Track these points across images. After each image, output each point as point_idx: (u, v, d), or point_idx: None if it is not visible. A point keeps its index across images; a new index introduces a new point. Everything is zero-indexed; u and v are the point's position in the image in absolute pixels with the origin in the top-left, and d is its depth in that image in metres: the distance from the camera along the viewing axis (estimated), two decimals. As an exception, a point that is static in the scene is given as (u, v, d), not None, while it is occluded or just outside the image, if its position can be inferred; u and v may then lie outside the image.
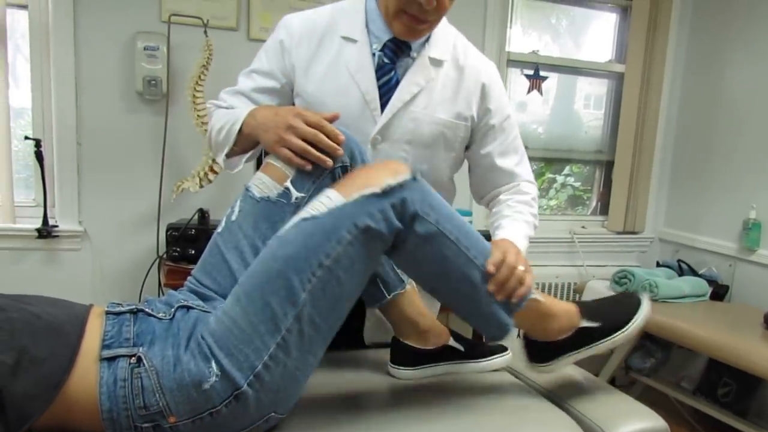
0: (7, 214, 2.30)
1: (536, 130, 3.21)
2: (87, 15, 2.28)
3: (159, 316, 1.03)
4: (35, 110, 2.34)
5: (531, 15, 3.08)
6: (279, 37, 1.34)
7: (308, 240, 0.99)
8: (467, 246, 1.09)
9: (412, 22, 1.24)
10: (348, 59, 1.31)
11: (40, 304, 0.98)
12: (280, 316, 0.96)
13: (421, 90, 1.33)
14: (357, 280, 1.05)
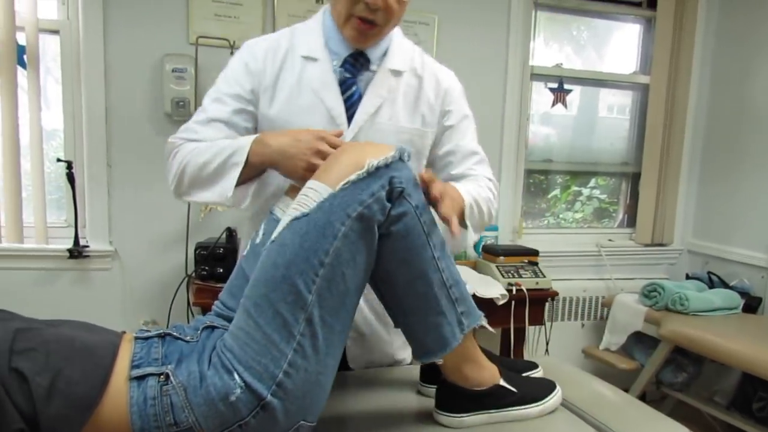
0: (40, 234, 2.37)
1: (560, 143, 3.23)
2: (116, 39, 2.36)
3: (186, 339, 1.05)
4: (66, 132, 2.42)
5: (553, 28, 3.11)
6: (243, 60, 1.33)
7: (304, 240, 0.98)
8: (434, 244, 1.07)
9: (361, 26, 1.26)
10: (311, 78, 1.32)
11: (74, 329, 1.01)
12: (291, 322, 0.96)
13: (384, 101, 1.35)
14: (361, 271, 1.04)
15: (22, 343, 0.91)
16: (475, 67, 2.82)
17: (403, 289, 1.09)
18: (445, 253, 1.09)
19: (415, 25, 2.67)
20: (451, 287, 1.09)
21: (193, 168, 1.24)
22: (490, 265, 2.59)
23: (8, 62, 2.23)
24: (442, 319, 1.08)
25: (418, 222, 1.05)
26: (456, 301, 1.10)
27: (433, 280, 1.07)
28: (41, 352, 0.92)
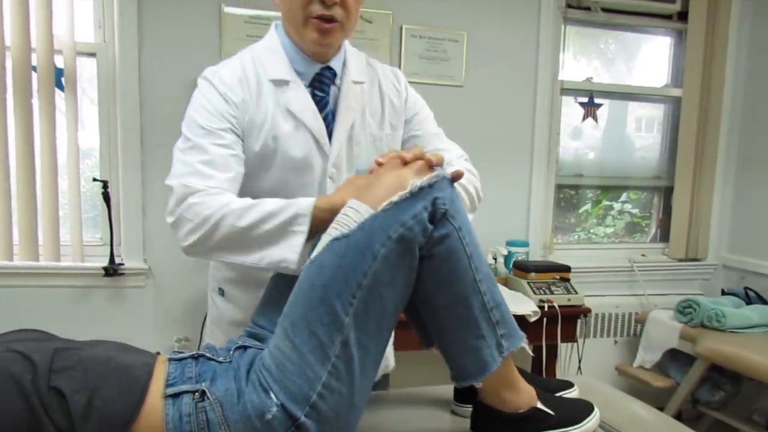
0: (76, 253, 2.43)
1: (590, 157, 3.23)
2: (151, 60, 2.42)
3: (219, 360, 1.07)
4: (102, 152, 2.48)
5: (581, 41, 3.12)
6: (220, 91, 1.27)
7: (342, 261, 0.98)
8: (477, 266, 1.05)
9: (321, 25, 1.24)
10: (288, 101, 1.30)
11: (110, 349, 1.04)
12: (327, 343, 0.96)
13: (356, 115, 1.37)
14: (400, 293, 1.03)
15: (61, 363, 0.94)
16: (504, 83, 2.84)
17: (443, 311, 1.08)
18: (488, 273, 1.08)
19: (444, 42, 2.70)
20: (492, 309, 1.07)
21: (232, 229, 1.16)
22: (521, 281, 2.59)
23: (47, 85, 2.31)
24: (481, 342, 1.07)
25: (461, 244, 1.04)
26: (497, 323, 1.08)
27: (474, 303, 1.05)
28: (79, 370, 0.94)
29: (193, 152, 1.23)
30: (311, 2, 1.23)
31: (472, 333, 1.07)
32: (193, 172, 1.21)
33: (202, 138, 1.23)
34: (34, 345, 0.97)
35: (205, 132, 1.24)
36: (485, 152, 2.59)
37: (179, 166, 1.24)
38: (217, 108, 1.26)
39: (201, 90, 1.31)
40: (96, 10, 2.41)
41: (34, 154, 2.33)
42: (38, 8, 2.26)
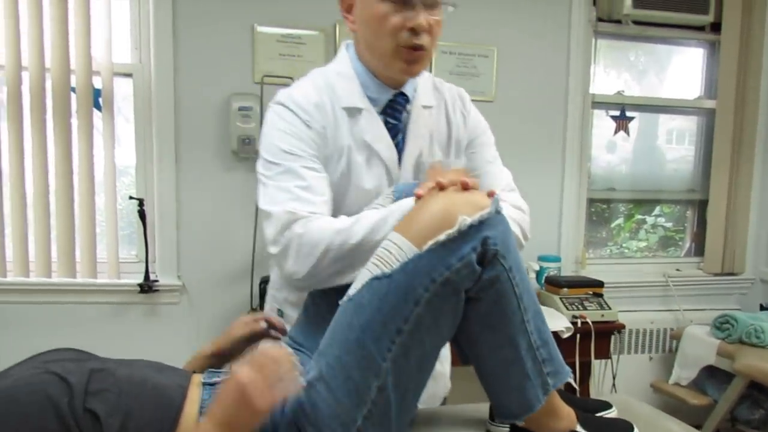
0: (112, 269, 2.49)
1: (622, 171, 3.22)
2: (186, 80, 2.48)
3: None
4: (138, 170, 2.54)
5: (611, 54, 3.12)
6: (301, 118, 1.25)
7: (382, 304, 0.94)
8: (526, 306, 1.02)
9: (411, 54, 1.22)
10: (362, 131, 1.28)
11: (145, 369, 1.04)
12: (363, 388, 0.94)
13: (426, 141, 1.34)
14: (443, 335, 1.01)
15: (96, 384, 0.95)
16: (535, 97, 2.85)
17: (488, 352, 1.05)
18: (536, 310, 1.05)
19: (474, 58, 2.73)
20: (539, 348, 1.05)
21: (343, 249, 1.12)
22: (554, 297, 2.58)
23: (85, 105, 2.37)
24: (526, 381, 1.04)
25: (511, 285, 0.99)
26: (543, 362, 1.05)
27: (521, 344, 1.02)
28: (114, 392, 0.95)
29: (287, 177, 1.19)
30: (401, 30, 1.19)
31: (517, 374, 1.03)
32: (294, 198, 1.17)
33: (292, 162, 1.20)
34: (71, 365, 0.98)
35: (293, 156, 1.21)
36: (516, 167, 2.57)
37: (275, 192, 1.19)
38: (300, 133, 1.24)
39: (280, 115, 1.26)
40: (133, 31, 2.48)
41: (72, 173, 2.40)
42: (77, 31, 2.33)
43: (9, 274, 2.39)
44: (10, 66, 2.29)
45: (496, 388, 1.08)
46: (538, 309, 1.06)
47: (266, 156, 1.23)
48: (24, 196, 2.37)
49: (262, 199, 1.21)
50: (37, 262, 2.39)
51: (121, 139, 2.55)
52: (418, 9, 1.18)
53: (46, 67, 2.33)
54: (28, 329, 2.40)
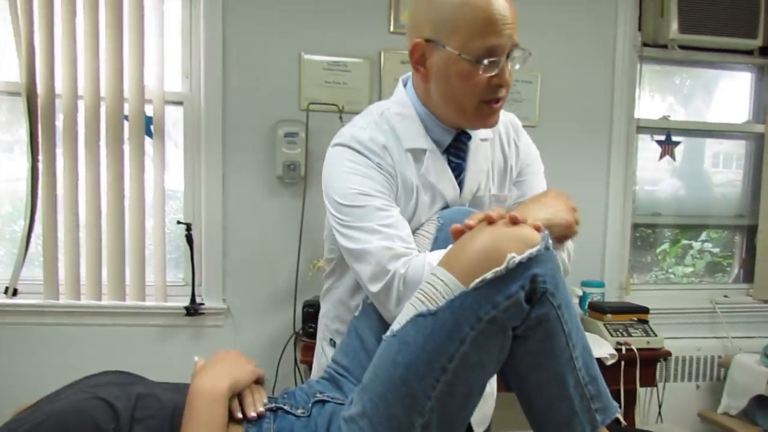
0: (160, 293, 2.56)
1: (667, 195, 3.21)
2: (235, 107, 2.56)
3: (297, 414, 1.08)
4: (186, 196, 2.62)
5: (657, 78, 3.12)
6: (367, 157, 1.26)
7: (427, 342, 0.93)
8: (574, 343, 1.00)
9: (492, 108, 1.23)
10: (426, 172, 1.29)
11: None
12: (406, 425, 0.94)
13: (484, 175, 1.36)
14: (489, 372, 1.00)
15: (142, 411, 0.98)
16: (579, 122, 2.87)
17: (536, 389, 1.03)
18: (584, 346, 1.04)
19: (518, 84, 2.75)
20: (587, 385, 1.03)
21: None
22: (597, 323, 2.57)
23: (137, 132, 2.47)
24: (574, 418, 1.02)
25: (560, 323, 0.98)
26: (591, 398, 1.03)
27: (569, 382, 1.00)
28: (158, 419, 0.99)
29: (370, 217, 1.20)
30: (486, 87, 1.20)
31: (564, 410, 1.02)
32: (384, 237, 1.17)
33: (371, 202, 1.21)
34: (117, 390, 1.02)
35: (370, 197, 1.21)
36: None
37: (361, 233, 1.19)
38: (371, 174, 1.24)
39: (347, 157, 1.26)
40: (184, 60, 2.57)
41: (123, 197, 2.48)
42: (131, 61, 2.43)
43: (62, 297, 2.48)
44: (66, 95, 2.39)
45: (543, 424, 1.07)
46: (586, 345, 1.05)
47: (340, 200, 1.23)
48: (77, 220, 2.46)
49: (350, 242, 1.21)
50: (87, 285, 2.48)
51: (170, 165, 2.63)
52: (504, 65, 1.18)
53: (101, 96, 2.42)
54: (78, 351, 2.48)
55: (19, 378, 2.43)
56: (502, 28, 1.16)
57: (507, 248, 0.92)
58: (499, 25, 1.15)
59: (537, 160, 1.46)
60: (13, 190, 2.54)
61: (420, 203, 1.29)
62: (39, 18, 2.35)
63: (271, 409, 1.08)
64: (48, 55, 2.37)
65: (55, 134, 2.43)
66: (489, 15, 1.15)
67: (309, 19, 2.59)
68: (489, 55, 1.16)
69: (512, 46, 1.18)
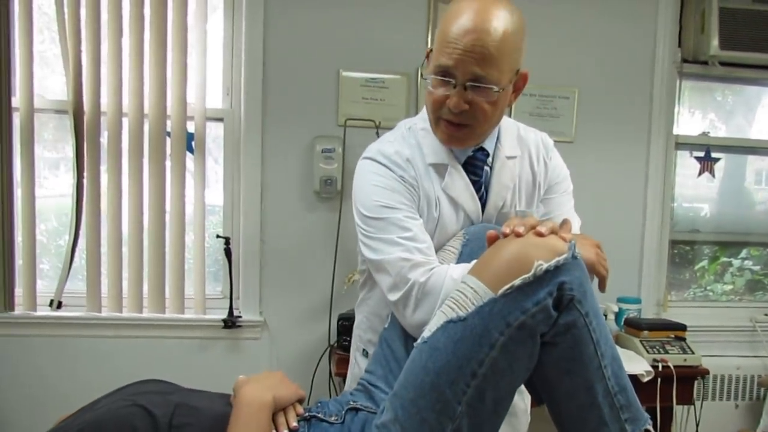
0: (199, 305, 2.66)
1: (706, 212, 3.23)
2: (274, 124, 2.65)
3: (331, 421, 1.14)
4: (225, 210, 2.72)
5: (696, 95, 3.15)
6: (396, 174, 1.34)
7: (458, 347, 0.96)
8: (603, 352, 1.02)
9: (448, 129, 1.29)
10: (447, 186, 1.36)
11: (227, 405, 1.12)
12: (437, 431, 0.97)
13: (508, 191, 1.40)
14: (518, 378, 1.03)
15: (180, 419, 1.03)
16: (616, 138, 2.91)
17: (564, 397, 1.06)
18: (614, 355, 1.06)
19: (555, 99, 2.81)
20: (617, 394, 1.05)
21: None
22: (633, 339, 2.59)
23: (179, 148, 2.57)
24: (603, 428, 1.05)
25: (587, 331, 1.01)
26: (621, 408, 1.06)
27: (598, 390, 1.03)
28: (196, 427, 1.04)
29: (391, 228, 1.28)
30: (441, 106, 1.27)
31: (593, 419, 1.05)
32: (404, 249, 1.25)
33: (393, 214, 1.29)
34: (156, 398, 1.08)
35: (392, 209, 1.30)
36: (596, 208, 2.66)
37: (382, 244, 1.28)
38: (395, 186, 1.32)
39: (373, 171, 1.35)
40: (225, 77, 2.67)
41: (165, 212, 2.59)
42: (174, 79, 2.54)
43: (104, 309, 2.59)
44: (111, 112, 2.51)
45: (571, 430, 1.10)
46: (615, 354, 1.07)
47: (365, 212, 1.32)
48: (120, 234, 2.57)
49: (372, 252, 1.30)
50: (129, 297, 2.59)
51: (210, 180, 2.74)
52: (458, 89, 1.23)
53: (144, 113, 2.53)
54: (119, 362, 2.58)
55: (62, 389, 2.55)
56: (452, 51, 1.21)
57: (535, 256, 0.96)
58: (450, 47, 1.21)
59: (566, 180, 1.50)
60: (59, 205, 2.67)
61: (442, 215, 1.36)
62: (86, 37, 2.47)
63: (305, 418, 1.14)
64: (94, 73, 2.49)
65: (100, 151, 2.54)
66: (445, 36, 1.22)
67: (347, 36, 2.67)
68: (438, 73, 1.24)
69: (467, 74, 1.22)
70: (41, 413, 2.43)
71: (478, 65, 1.20)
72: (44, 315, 2.56)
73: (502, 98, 1.27)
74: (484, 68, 1.21)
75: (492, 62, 1.21)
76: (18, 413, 2.53)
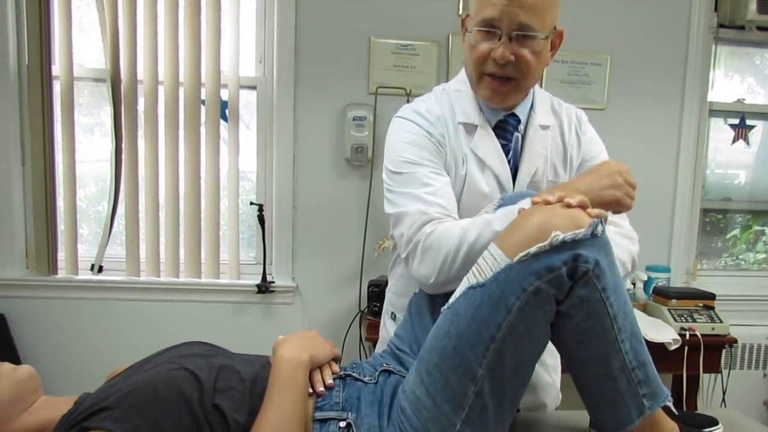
0: (233, 271, 2.84)
1: (739, 180, 3.30)
2: (305, 92, 2.78)
3: (365, 380, 1.21)
4: (259, 177, 2.87)
5: (733, 60, 3.19)
6: (425, 128, 1.40)
7: (477, 312, 1.03)
8: (620, 327, 1.07)
9: (492, 83, 1.33)
10: (476, 146, 1.41)
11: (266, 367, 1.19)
12: (460, 393, 1.03)
13: (541, 159, 1.44)
14: (537, 342, 1.09)
15: (223, 382, 1.11)
16: (648, 105, 2.99)
17: (581, 366, 1.13)
18: (633, 332, 1.11)
19: (587, 66, 2.90)
20: (634, 369, 1.10)
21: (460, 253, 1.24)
22: (661, 308, 2.68)
23: (213, 116, 2.71)
24: (619, 400, 1.10)
25: (603, 306, 1.05)
26: (639, 383, 1.11)
27: (614, 364, 1.08)
28: (239, 390, 1.11)
29: (414, 184, 1.35)
30: (486, 60, 1.32)
31: (609, 391, 1.10)
32: (423, 202, 1.32)
33: (417, 169, 1.36)
34: (201, 362, 1.15)
35: (417, 165, 1.36)
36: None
37: (403, 198, 1.35)
38: (422, 143, 1.39)
39: (403, 127, 1.43)
40: (258, 46, 2.80)
41: (200, 179, 2.75)
42: (208, 48, 2.67)
43: (142, 273, 2.78)
44: (148, 81, 2.65)
45: (590, 401, 1.17)
46: (636, 331, 1.11)
47: (391, 167, 1.40)
48: (157, 201, 2.73)
49: (392, 206, 1.38)
50: (167, 263, 2.77)
51: (242, 147, 2.88)
52: (503, 40, 1.28)
53: (179, 81, 2.68)
54: (157, 325, 2.79)
55: (104, 349, 2.77)
56: (497, 2, 1.26)
57: (555, 227, 1.02)
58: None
59: (601, 154, 1.53)
60: (96, 171, 2.84)
61: (470, 173, 1.41)
62: (123, 7, 2.60)
63: (340, 376, 1.22)
64: (131, 43, 2.63)
65: (137, 118, 2.70)
66: None
67: (378, 3, 2.77)
68: (482, 26, 1.29)
69: (513, 24, 1.27)
70: (85, 371, 2.67)
71: (523, 14, 1.26)
72: (86, 279, 2.76)
73: (545, 50, 1.33)
74: (529, 17, 1.26)
75: (536, 11, 1.27)
76: (64, 372, 2.73)
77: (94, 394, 1.09)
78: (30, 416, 1.10)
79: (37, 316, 2.76)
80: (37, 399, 1.14)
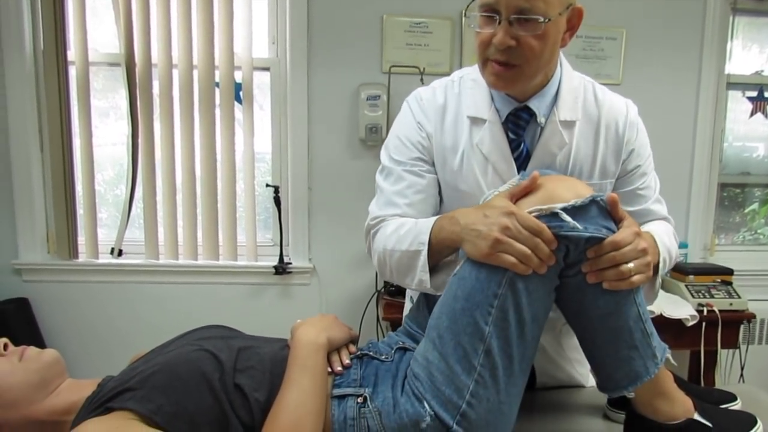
0: (251, 252, 2.94)
1: (758, 154, 3.33)
2: (319, 72, 2.86)
3: (382, 359, 1.26)
4: (274, 159, 2.96)
5: (752, 31, 3.22)
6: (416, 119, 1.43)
7: (480, 273, 1.11)
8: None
9: (495, 69, 1.28)
10: (481, 141, 1.38)
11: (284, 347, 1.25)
12: (471, 353, 1.09)
13: (555, 158, 1.38)
14: (539, 299, 1.14)
15: (243, 362, 1.16)
16: (665, 79, 3.03)
17: (595, 321, 1.18)
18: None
19: (602, 41, 2.95)
20: (646, 321, 1.17)
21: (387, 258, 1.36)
22: (679, 284, 2.74)
23: (227, 98, 2.81)
24: (634, 353, 1.16)
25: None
26: (651, 335, 1.17)
27: (630, 314, 1.15)
28: (259, 369, 1.16)
29: (389, 180, 1.43)
30: (488, 46, 1.26)
31: (625, 344, 1.16)
32: (386, 201, 1.42)
33: (395, 166, 1.42)
34: (221, 343, 1.19)
35: (396, 162, 1.43)
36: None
37: (378, 194, 1.46)
38: (410, 135, 1.42)
39: (400, 117, 1.49)
40: (270, 27, 2.87)
41: (216, 161, 2.85)
42: (221, 30, 2.75)
43: (161, 257, 2.89)
44: (162, 64, 2.74)
45: (603, 359, 1.20)
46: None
47: (382, 155, 1.48)
48: (174, 184, 2.83)
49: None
50: (185, 245, 2.88)
51: (257, 128, 2.96)
52: (503, 24, 1.22)
53: (194, 64, 2.77)
54: (176, 307, 2.90)
55: (125, 331, 2.89)
56: None
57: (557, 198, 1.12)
58: None
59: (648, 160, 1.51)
60: (113, 154, 2.94)
61: (469, 168, 1.40)
62: (136, -9, 2.69)
63: (357, 356, 1.27)
64: (145, 26, 2.71)
65: (152, 102, 2.79)
66: None
67: (390, -20, 2.82)
68: (483, 11, 1.24)
69: (512, 7, 1.20)
70: (107, 353, 2.80)
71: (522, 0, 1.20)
72: (106, 262, 2.88)
73: (552, 33, 1.24)
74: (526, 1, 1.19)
75: None
76: (86, 354, 2.87)
77: (117, 377, 1.14)
78: (56, 399, 1.15)
79: (59, 299, 2.89)
80: (62, 382, 1.19)
